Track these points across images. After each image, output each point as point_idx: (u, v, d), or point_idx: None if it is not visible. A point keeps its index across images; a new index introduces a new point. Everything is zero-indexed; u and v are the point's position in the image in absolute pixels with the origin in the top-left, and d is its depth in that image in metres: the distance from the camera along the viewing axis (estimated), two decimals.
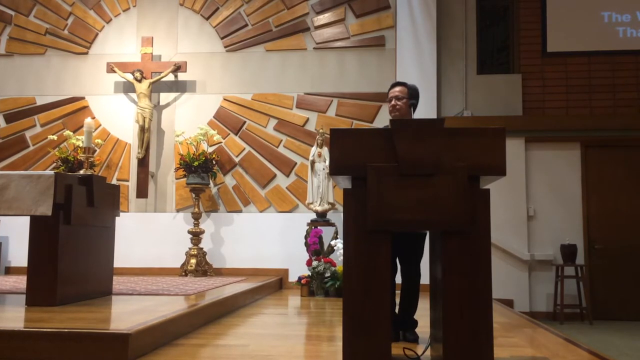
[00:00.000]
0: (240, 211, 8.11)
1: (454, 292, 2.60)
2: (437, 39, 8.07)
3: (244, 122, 8.25)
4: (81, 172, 5.06)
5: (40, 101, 8.53)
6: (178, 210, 8.17)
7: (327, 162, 7.13)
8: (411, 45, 8.04)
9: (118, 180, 8.21)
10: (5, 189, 4.16)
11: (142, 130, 8.07)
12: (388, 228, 2.64)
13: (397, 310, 3.80)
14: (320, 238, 7.04)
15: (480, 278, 2.60)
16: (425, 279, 3.48)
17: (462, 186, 2.59)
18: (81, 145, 7.52)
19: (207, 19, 8.51)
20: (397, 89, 3.91)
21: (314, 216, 7.40)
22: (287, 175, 8.11)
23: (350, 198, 2.69)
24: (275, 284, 7.40)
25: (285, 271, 7.81)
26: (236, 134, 8.25)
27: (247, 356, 3.29)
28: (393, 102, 3.88)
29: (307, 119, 8.15)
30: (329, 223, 7.28)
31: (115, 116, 8.42)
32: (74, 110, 8.47)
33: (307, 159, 7.55)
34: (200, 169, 7.60)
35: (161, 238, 7.99)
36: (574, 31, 8.11)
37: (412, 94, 3.91)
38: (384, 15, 8.23)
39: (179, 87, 8.41)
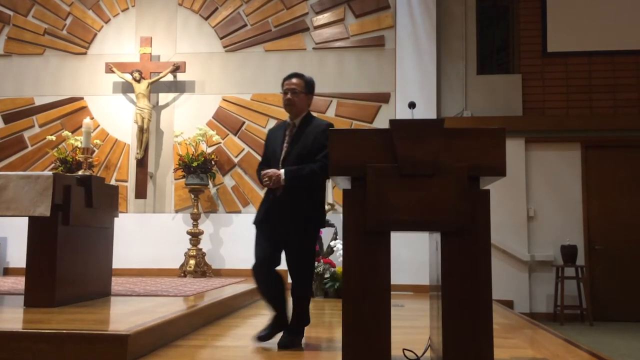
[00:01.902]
0: (240, 212, 8.09)
1: (454, 293, 2.59)
2: (436, 39, 8.06)
3: (243, 123, 8.24)
4: (80, 172, 5.05)
5: (38, 101, 8.51)
6: (177, 211, 8.16)
7: None
8: (411, 45, 8.03)
9: (117, 180, 8.19)
10: (4, 190, 4.15)
11: (141, 130, 8.06)
12: (388, 229, 2.63)
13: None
14: (320, 239, 7.02)
15: (480, 279, 2.59)
16: (425, 279, 3.46)
17: (462, 187, 2.58)
18: (80, 145, 7.50)
19: (206, 19, 8.49)
20: (294, 80, 3.68)
21: None
22: None
23: (349, 199, 2.68)
24: None
25: (285, 272, 7.77)
26: (235, 135, 8.23)
27: (246, 357, 3.28)
28: (289, 96, 3.66)
29: None
30: (328, 224, 7.25)
31: (114, 116, 8.40)
32: (72, 110, 8.45)
33: None
34: (199, 170, 7.58)
35: (160, 239, 7.97)
36: (574, 31, 8.09)
37: (309, 88, 3.73)
38: (383, 15, 8.22)
39: (178, 87, 8.39)
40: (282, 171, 3.55)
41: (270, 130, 4.00)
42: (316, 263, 6.78)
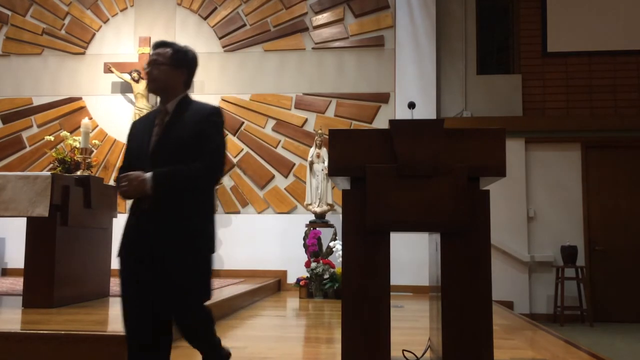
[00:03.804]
0: (239, 212, 8.07)
1: (454, 294, 2.57)
2: (436, 39, 8.05)
3: (242, 123, 8.22)
4: (78, 173, 5.04)
5: (37, 102, 8.49)
6: None
7: (326, 163, 7.10)
8: (410, 45, 8.01)
9: (115, 181, 8.16)
10: (2, 190, 4.14)
11: None
12: (387, 229, 2.62)
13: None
14: (319, 239, 7.01)
15: (480, 280, 2.57)
16: (425, 280, 3.45)
17: (461, 187, 2.56)
18: (78, 146, 7.47)
19: (205, 18, 8.47)
20: (158, 50, 2.68)
21: (312, 217, 7.37)
22: (286, 176, 8.07)
23: (349, 199, 2.66)
24: (273, 285, 7.36)
25: (284, 273, 7.78)
26: (234, 135, 8.21)
27: (245, 359, 3.26)
28: (147, 69, 2.68)
29: (306, 120, 8.12)
30: (327, 224, 7.25)
31: (113, 117, 8.38)
32: (71, 110, 8.43)
33: (306, 160, 7.52)
34: None
35: None
36: (574, 31, 8.08)
37: (178, 60, 2.69)
38: (383, 15, 8.21)
39: None
40: (148, 174, 2.46)
41: (134, 123, 2.82)
42: (315, 264, 6.78)
